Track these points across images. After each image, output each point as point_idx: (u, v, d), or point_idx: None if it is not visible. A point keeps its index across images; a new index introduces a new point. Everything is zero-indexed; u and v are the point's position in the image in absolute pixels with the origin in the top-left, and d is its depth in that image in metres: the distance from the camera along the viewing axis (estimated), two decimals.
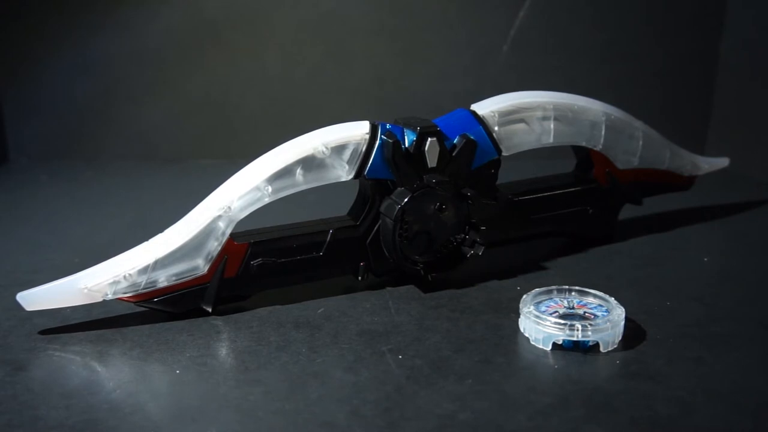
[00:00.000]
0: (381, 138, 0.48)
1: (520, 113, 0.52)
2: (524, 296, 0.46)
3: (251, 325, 0.46)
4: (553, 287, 0.47)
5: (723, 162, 0.66)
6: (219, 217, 0.45)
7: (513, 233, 0.56)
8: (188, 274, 0.45)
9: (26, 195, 0.77)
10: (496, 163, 0.52)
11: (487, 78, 0.89)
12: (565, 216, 0.57)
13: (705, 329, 0.45)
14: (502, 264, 0.55)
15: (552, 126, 0.54)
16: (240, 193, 0.46)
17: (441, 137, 0.49)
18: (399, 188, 0.49)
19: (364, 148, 0.48)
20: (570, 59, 0.89)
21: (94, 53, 0.87)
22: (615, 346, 0.42)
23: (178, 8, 0.86)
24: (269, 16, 0.87)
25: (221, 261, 0.46)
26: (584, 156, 0.58)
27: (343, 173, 0.48)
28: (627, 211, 0.62)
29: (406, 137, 0.49)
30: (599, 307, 0.45)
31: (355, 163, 0.48)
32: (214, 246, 0.46)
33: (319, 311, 0.48)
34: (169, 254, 0.45)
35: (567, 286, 0.47)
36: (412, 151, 0.48)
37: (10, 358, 0.42)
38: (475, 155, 0.51)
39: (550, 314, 0.43)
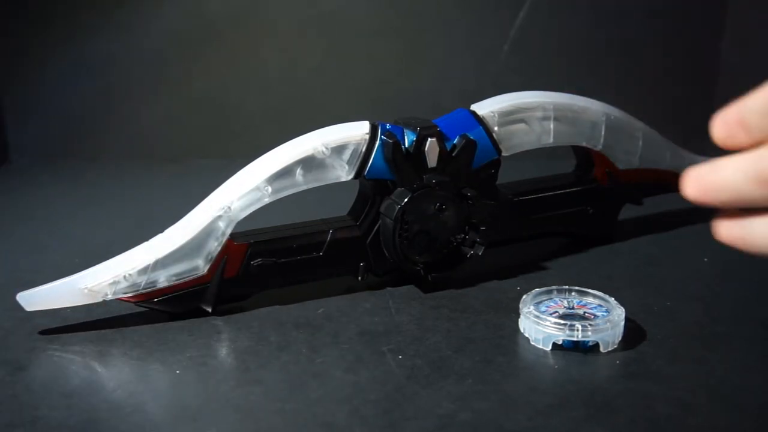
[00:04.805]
0: (381, 138, 0.48)
1: (520, 113, 0.52)
2: (524, 296, 0.46)
3: (251, 325, 0.46)
4: (553, 287, 0.47)
5: None
6: (219, 217, 0.45)
7: (513, 233, 0.56)
8: (188, 275, 0.45)
9: (26, 195, 0.77)
10: (496, 164, 0.52)
11: (487, 78, 0.89)
12: (565, 216, 0.57)
13: (705, 329, 0.45)
14: (502, 264, 0.55)
15: (552, 126, 0.54)
16: (240, 193, 0.46)
17: (441, 137, 0.49)
18: (399, 188, 0.49)
19: (364, 149, 0.48)
20: (570, 59, 0.89)
21: (94, 53, 0.87)
22: (615, 346, 0.42)
23: (178, 8, 0.86)
24: (269, 16, 0.87)
25: (221, 261, 0.46)
26: (584, 156, 0.58)
27: (343, 173, 0.48)
28: (627, 211, 0.62)
29: (406, 137, 0.49)
30: (599, 307, 0.45)
31: (355, 163, 0.48)
32: (214, 246, 0.46)
33: (319, 311, 0.48)
34: (169, 254, 0.45)
35: (567, 286, 0.47)
36: (412, 151, 0.48)
37: (11, 358, 0.42)
38: (475, 155, 0.51)
39: (550, 314, 0.43)
